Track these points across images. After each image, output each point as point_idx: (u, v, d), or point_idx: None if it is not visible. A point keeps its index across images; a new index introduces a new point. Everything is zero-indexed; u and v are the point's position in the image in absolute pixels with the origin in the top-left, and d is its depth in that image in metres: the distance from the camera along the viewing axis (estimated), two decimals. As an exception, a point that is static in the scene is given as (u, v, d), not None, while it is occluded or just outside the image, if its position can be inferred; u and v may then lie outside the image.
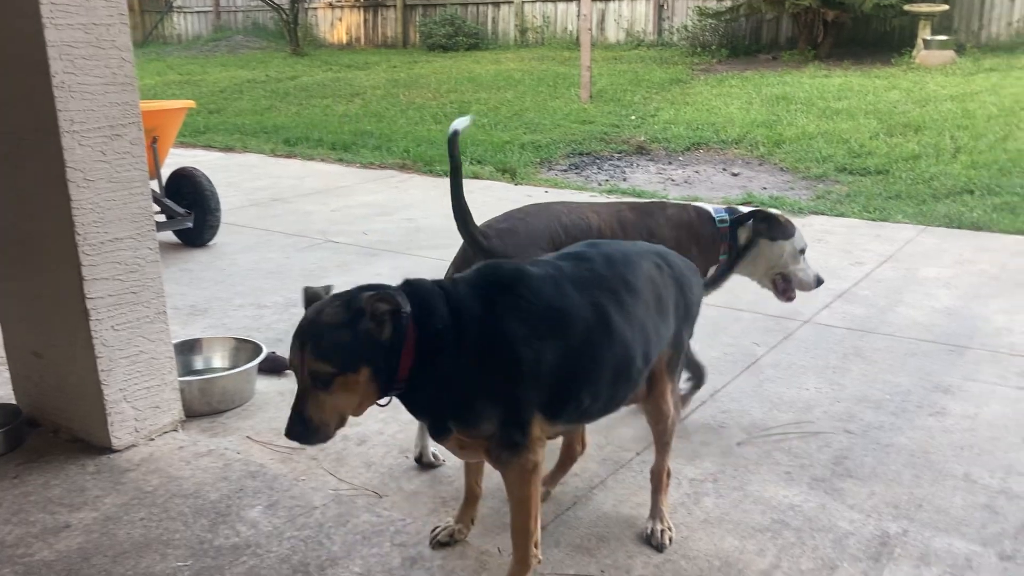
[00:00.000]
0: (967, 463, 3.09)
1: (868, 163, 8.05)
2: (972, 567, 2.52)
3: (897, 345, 4.17)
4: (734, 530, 2.71)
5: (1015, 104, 9.58)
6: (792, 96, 10.89)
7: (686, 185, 8.06)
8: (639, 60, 15.18)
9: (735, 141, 9.40)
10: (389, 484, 2.98)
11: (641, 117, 10.80)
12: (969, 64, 12.29)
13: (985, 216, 6.33)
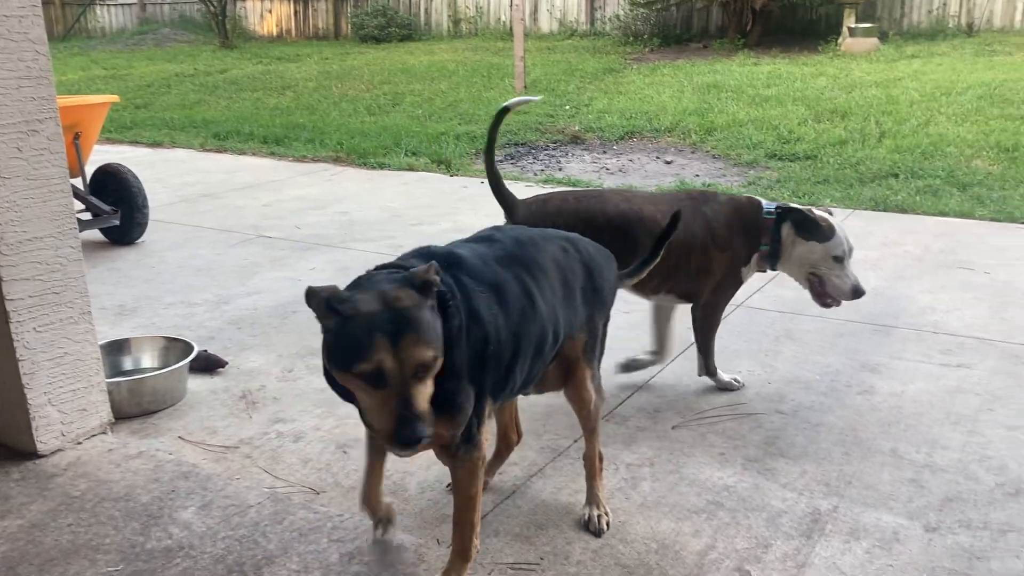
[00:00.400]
0: (894, 439, 3.18)
1: (797, 149, 8.21)
2: (899, 540, 2.59)
3: (826, 327, 4.26)
4: (670, 513, 2.74)
5: (936, 89, 9.86)
6: (723, 84, 11.05)
7: (620, 174, 8.13)
8: (572, 50, 15.24)
9: (668, 129, 9.51)
10: (326, 480, 2.95)
11: (575, 107, 10.85)
12: (892, 51, 12.62)
13: (909, 199, 6.51)
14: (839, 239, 3.34)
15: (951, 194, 6.63)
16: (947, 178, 7.00)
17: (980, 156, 7.54)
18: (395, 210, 6.75)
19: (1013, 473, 2.93)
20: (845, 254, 3.35)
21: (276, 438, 3.24)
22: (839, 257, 3.34)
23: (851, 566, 2.46)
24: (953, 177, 7.02)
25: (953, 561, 2.49)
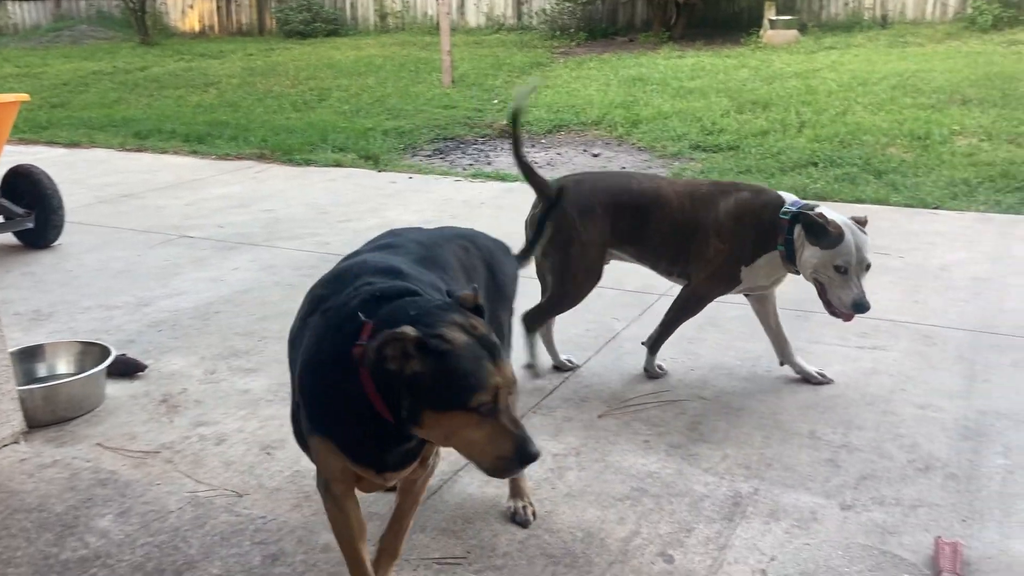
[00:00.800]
0: (812, 421, 3.26)
1: (720, 140, 8.35)
2: (816, 519, 2.67)
3: (749, 313, 4.31)
4: (596, 501, 2.77)
5: (853, 80, 10.12)
6: (648, 77, 11.18)
7: (549, 167, 8.16)
8: (500, 44, 15.25)
9: (595, 122, 9.58)
10: (249, 482, 2.90)
11: (504, 101, 10.85)
12: (811, 42, 12.92)
13: (828, 187, 6.68)
14: (844, 248, 3.13)
15: (867, 181, 6.81)
16: (863, 166, 7.19)
17: (894, 144, 7.77)
18: (321, 207, 6.67)
19: (924, 450, 3.04)
20: (849, 265, 3.14)
21: (198, 441, 3.18)
22: (840, 267, 3.15)
23: (770, 546, 2.52)
24: (869, 165, 7.22)
25: (867, 537, 2.56)
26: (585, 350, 3.95)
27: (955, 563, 2.37)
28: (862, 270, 3.18)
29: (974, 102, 8.84)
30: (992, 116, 8.30)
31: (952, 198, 6.35)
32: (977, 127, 8.01)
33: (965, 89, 9.34)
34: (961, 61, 10.83)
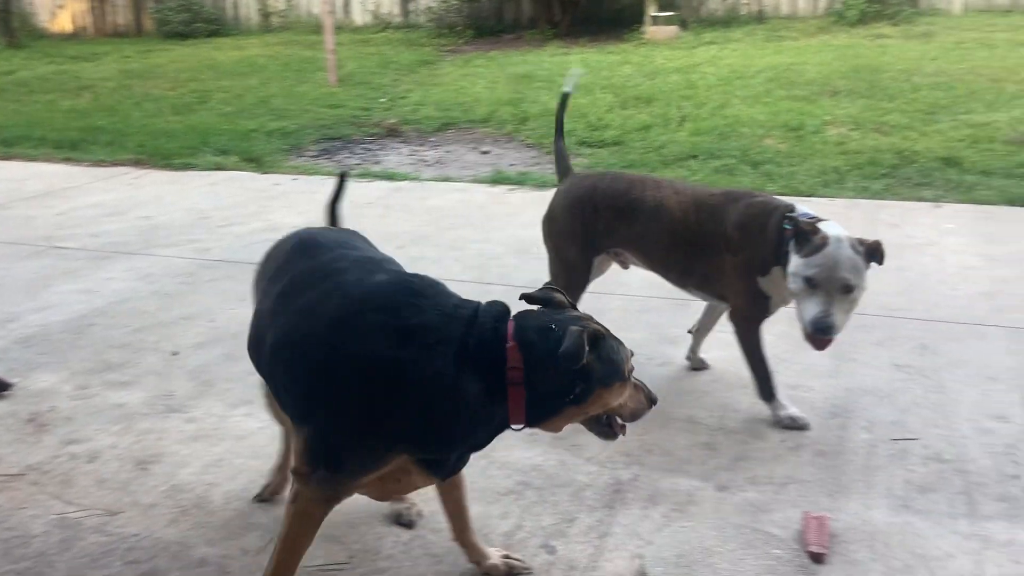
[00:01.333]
0: (690, 406, 3.35)
1: (605, 135, 8.48)
2: (694, 501, 2.75)
3: (632, 304, 4.44)
4: (480, 497, 2.78)
5: (731, 74, 10.43)
6: (535, 74, 11.27)
7: (439, 165, 8.14)
8: (387, 42, 15.12)
9: (483, 120, 9.60)
10: (123, 500, 2.81)
11: (391, 99, 10.77)
12: (691, 38, 13.26)
13: (707, 178, 6.87)
14: (819, 259, 2.81)
15: (745, 172, 7.04)
16: (741, 157, 7.42)
17: (770, 135, 8.04)
18: (202, 212, 6.49)
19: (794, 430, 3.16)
20: (819, 279, 2.81)
21: (68, 460, 3.05)
22: (810, 280, 2.83)
23: (649, 531, 2.59)
24: (747, 156, 7.45)
25: (741, 516, 2.65)
26: (471, 347, 3.95)
27: (821, 536, 2.48)
28: (835, 290, 2.81)
29: (843, 93, 9.23)
30: (860, 106, 8.68)
31: (824, 186, 6.61)
32: (846, 117, 8.36)
33: (835, 81, 9.74)
34: (831, 54, 11.29)
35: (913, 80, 9.47)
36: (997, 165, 6.75)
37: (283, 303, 2.20)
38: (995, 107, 8.31)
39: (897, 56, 10.84)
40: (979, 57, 10.50)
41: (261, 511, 2.72)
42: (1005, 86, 8.99)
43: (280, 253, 2.43)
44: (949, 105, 8.50)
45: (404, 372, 1.94)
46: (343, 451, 2.02)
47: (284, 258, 2.37)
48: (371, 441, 2.00)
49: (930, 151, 7.13)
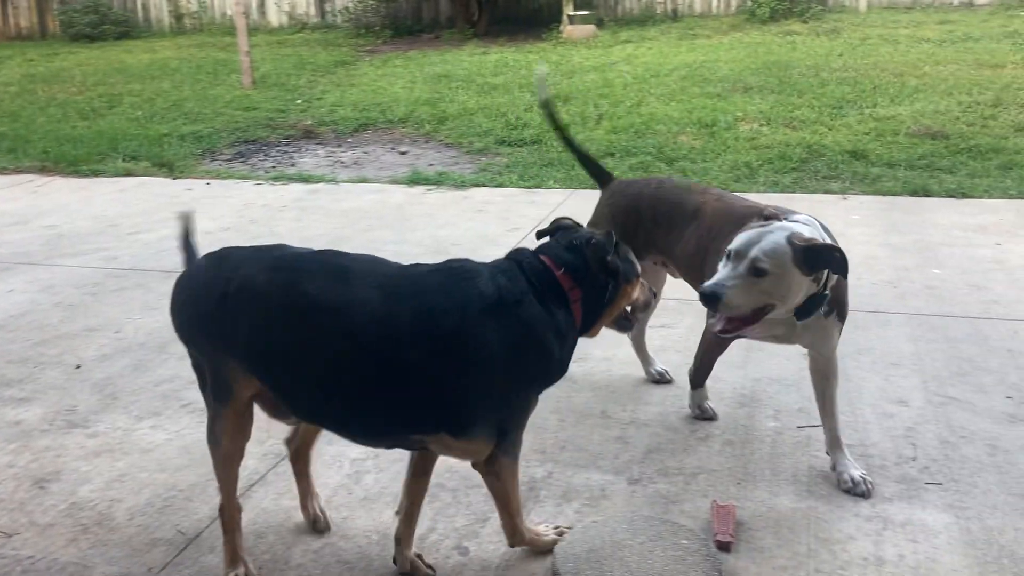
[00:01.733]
0: (604, 401, 3.38)
1: (524, 134, 8.51)
2: (606, 495, 2.77)
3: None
4: (393, 502, 2.74)
5: (646, 72, 10.57)
6: (453, 74, 11.25)
7: (356, 166, 8.06)
8: (303, 43, 14.92)
9: (401, 120, 9.54)
10: (20, 521, 2.70)
11: (307, 101, 10.63)
12: (608, 37, 13.40)
13: (623, 176, 6.92)
14: (740, 235, 2.62)
15: (660, 169, 7.13)
16: (657, 154, 7.53)
17: (685, 132, 8.17)
18: (110, 219, 6.30)
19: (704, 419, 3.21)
20: (731, 250, 2.60)
21: (-39, 482, 2.93)
22: (728, 251, 2.62)
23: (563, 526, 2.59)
24: (662, 153, 7.56)
25: (652, 508, 2.69)
26: (387, 350, 3.92)
27: (728, 524, 2.52)
28: (744, 267, 2.54)
29: (755, 89, 9.44)
30: (770, 102, 8.89)
31: (736, 180, 6.75)
32: (758, 113, 8.55)
33: (747, 78, 9.95)
34: (743, 51, 11.53)
35: (821, 76, 9.73)
36: (900, 157, 6.99)
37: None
38: (898, 100, 8.59)
39: (806, 52, 11.13)
40: (883, 53, 10.85)
41: (167, 526, 2.65)
42: (907, 80, 9.31)
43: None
44: (855, 99, 8.76)
45: (529, 327, 2.21)
46: (520, 415, 2.32)
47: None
48: (533, 396, 2.34)
49: (837, 144, 7.34)
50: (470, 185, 7.03)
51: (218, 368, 2.28)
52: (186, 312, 2.34)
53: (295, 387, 2.23)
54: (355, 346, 2.13)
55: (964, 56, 10.35)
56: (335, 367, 2.16)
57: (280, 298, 2.18)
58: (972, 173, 6.58)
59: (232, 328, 2.21)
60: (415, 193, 6.87)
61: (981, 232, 5.34)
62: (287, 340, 2.17)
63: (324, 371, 2.17)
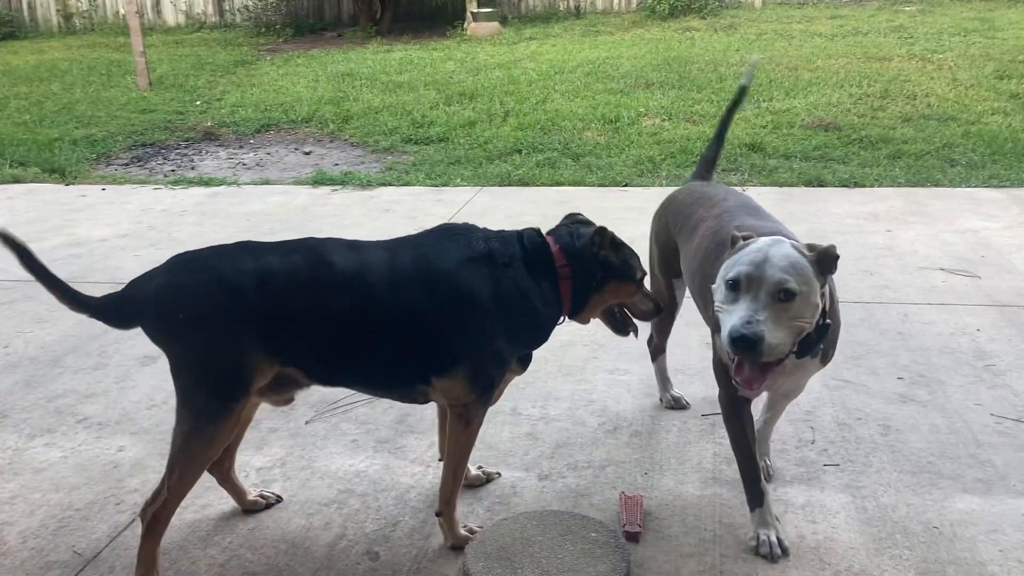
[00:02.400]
0: (514, 399, 3.39)
1: (431, 132, 8.48)
2: (516, 492, 2.78)
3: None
4: (301, 510, 2.71)
5: (551, 69, 10.65)
6: (357, 72, 11.12)
7: (258, 168, 7.90)
8: (202, 43, 14.53)
9: (305, 120, 9.39)
10: (-99, 550, 2.55)
11: (207, 102, 10.36)
12: (512, 34, 13.45)
13: (530, 172, 6.99)
14: (744, 259, 2.22)
15: (566, 164, 7.21)
16: (563, 150, 7.60)
17: (589, 128, 8.27)
18: (-3, 229, 6.00)
19: (612, 412, 3.26)
20: (742, 280, 2.19)
21: None
22: (733, 282, 2.22)
23: (473, 525, 2.59)
24: (568, 149, 7.63)
25: (562, 502, 2.71)
26: (293, 355, 3.85)
27: (636, 515, 2.56)
28: (766, 294, 2.15)
29: (656, 85, 9.61)
30: (671, 97, 9.06)
31: (639, 175, 6.87)
32: (659, 108, 8.71)
33: (648, 73, 10.12)
34: (644, 48, 11.72)
35: (719, 71, 9.97)
36: (796, 148, 7.22)
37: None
38: (793, 94, 8.87)
39: (704, 48, 11.38)
40: (778, 47, 11.17)
41: (62, 547, 2.55)
42: (801, 74, 9.61)
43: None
44: (752, 93, 8.98)
45: (515, 283, 2.43)
46: (497, 365, 2.45)
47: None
48: (509, 351, 2.47)
49: (736, 138, 7.52)
50: (376, 184, 6.96)
51: (236, 362, 2.26)
52: (209, 314, 2.25)
53: (320, 355, 2.36)
54: (371, 298, 2.33)
55: (854, 50, 10.75)
56: (356, 323, 2.33)
57: (306, 275, 2.32)
58: (863, 163, 6.84)
59: (260, 315, 2.27)
60: (320, 194, 6.77)
61: (872, 220, 5.55)
62: (314, 311, 2.30)
63: (346, 330, 2.34)
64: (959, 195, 6.07)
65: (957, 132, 7.43)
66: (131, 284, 2.34)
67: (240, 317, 2.25)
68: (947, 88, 8.76)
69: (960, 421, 3.09)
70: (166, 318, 2.27)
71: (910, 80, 9.14)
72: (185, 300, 2.25)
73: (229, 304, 2.25)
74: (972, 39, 11.13)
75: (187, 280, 2.28)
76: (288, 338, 2.29)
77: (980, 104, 8.18)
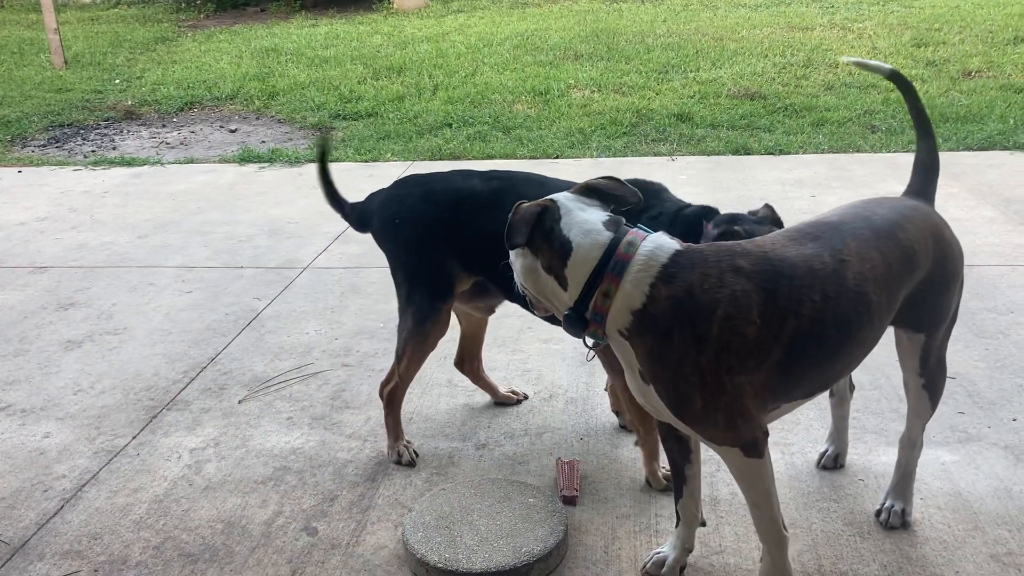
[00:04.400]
0: (450, 371, 3.36)
1: (359, 107, 8.37)
2: (454, 462, 2.79)
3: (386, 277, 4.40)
4: (236, 489, 2.68)
5: (479, 42, 10.59)
6: (282, 47, 10.91)
7: (182, 147, 7.71)
8: (119, 20, 14.09)
9: (230, 97, 9.19)
10: None
11: (127, 80, 10.06)
12: (440, 7, 13.33)
13: (460, 146, 6.95)
14: None
15: (497, 138, 7.19)
16: (493, 123, 7.57)
17: (520, 101, 8.25)
18: (-94, 216, 5.77)
19: (547, 380, 3.29)
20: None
21: None
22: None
23: (411, 497, 2.60)
24: (498, 122, 7.61)
25: (499, 471, 2.73)
26: (224, 335, 3.79)
27: (573, 479, 2.60)
28: None
29: (585, 57, 9.63)
30: (600, 69, 9.09)
31: (570, 147, 6.89)
32: (589, 80, 8.73)
33: (577, 45, 10.14)
34: (573, 20, 11.73)
35: (647, 42, 10.03)
36: (723, 118, 7.32)
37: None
38: (719, 64, 8.98)
39: (632, 20, 11.44)
40: (704, 18, 11.29)
41: None
42: (727, 44, 9.74)
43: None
44: (679, 64, 9.09)
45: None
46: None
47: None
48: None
49: (664, 108, 7.60)
50: (305, 161, 6.85)
51: (439, 267, 2.62)
52: (418, 223, 2.63)
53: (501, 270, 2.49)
54: None
55: (777, 20, 10.92)
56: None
57: (493, 199, 2.56)
58: (788, 131, 6.97)
59: (461, 231, 2.57)
60: (247, 172, 6.64)
61: (798, 186, 5.67)
62: (495, 231, 2.38)
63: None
64: (880, 160, 6.23)
65: (877, 99, 7.62)
66: (369, 196, 2.85)
67: (438, 229, 2.59)
68: (867, 56, 8.96)
69: (883, 377, 3.19)
70: (386, 224, 2.69)
71: (831, 49, 9.33)
72: (400, 210, 2.67)
73: (432, 216, 2.60)
74: (890, 8, 11.41)
75: (404, 193, 2.70)
76: (474, 253, 2.57)
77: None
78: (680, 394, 1.88)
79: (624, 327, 1.90)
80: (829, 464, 2.70)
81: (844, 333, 1.94)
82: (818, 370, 1.97)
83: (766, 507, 2.03)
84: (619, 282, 1.88)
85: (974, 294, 3.80)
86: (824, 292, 1.91)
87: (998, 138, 6.44)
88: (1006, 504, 2.46)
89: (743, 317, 1.84)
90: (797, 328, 1.88)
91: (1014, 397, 3.02)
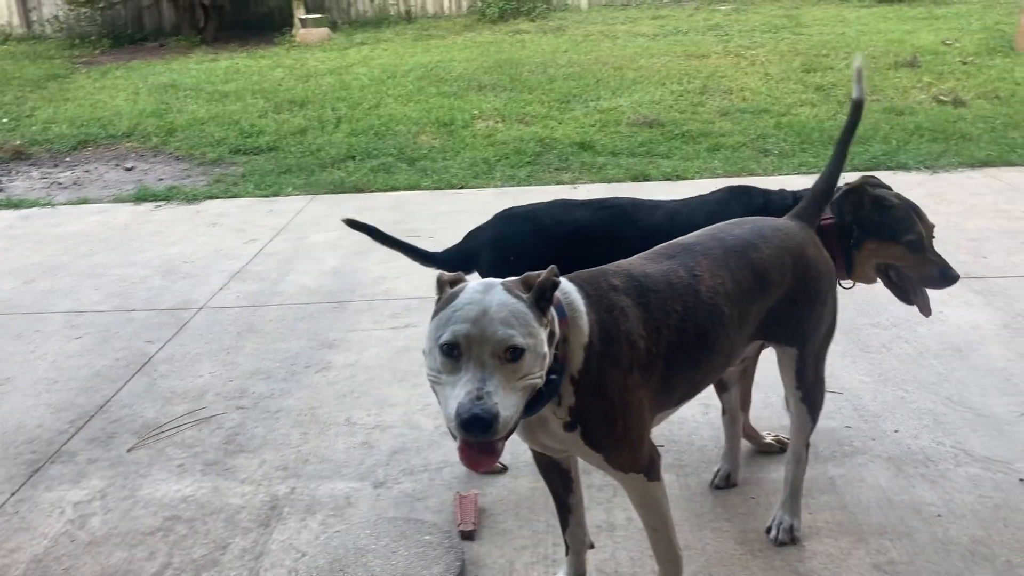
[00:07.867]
0: (348, 408, 3.34)
1: (260, 141, 8.24)
2: (351, 503, 2.74)
3: (288, 312, 4.35)
4: (123, 542, 2.58)
5: (383, 73, 10.59)
6: (180, 83, 10.70)
7: (76, 187, 7.46)
8: (7, 56, 13.61)
9: (126, 134, 8.95)
10: None
11: (15, 119, 9.71)
12: (343, 39, 13.29)
13: (364, 178, 6.91)
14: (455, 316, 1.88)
15: (401, 169, 7.17)
16: (398, 155, 7.55)
17: (424, 132, 8.26)
18: None
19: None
20: (456, 343, 1.83)
21: None
22: (449, 345, 1.81)
23: (307, 541, 2.54)
24: (403, 154, 7.59)
25: (397, 509, 2.69)
26: (114, 382, 3.66)
27: (471, 513, 2.58)
28: (488, 355, 1.74)
29: (489, 87, 9.71)
30: (504, 99, 9.18)
31: (475, 177, 6.91)
32: (493, 110, 8.80)
33: (481, 76, 10.22)
34: (476, 51, 11.84)
35: (549, 72, 10.18)
36: (623, 145, 7.45)
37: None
38: (619, 93, 9.17)
39: (534, 50, 11.61)
40: (604, 48, 11.53)
41: None
42: (626, 73, 9.95)
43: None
44: (581, 93, 9.24)
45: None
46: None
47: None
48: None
49: (567, 137, 7.70)
50: (203, 198, 6.71)
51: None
52: (534, 259, 2.39)
53: None
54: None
55: (675, 48, 11.22)
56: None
57: (610, 228, 2.80)
58: (685, 156, 7.14)
59: (575, 265, 2.41)
60: (142, 211, 6.46)
61: (694, 210, 5.80)
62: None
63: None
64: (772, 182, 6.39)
65: (770, 123, 7.87)
66: (467, 236, 2.95)
67: (555, 264, 2.44)
68: (760, 82, 9.28)
69: (774, 395, 3.27)
70: (499, 263, 2.75)
71: (726, 76, 9.63)
72: (513, 247, 2.78)
73: (547, 253, 2.57)
74: (782, 35, 11.85)
75: (514, 231, 2.86)
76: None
77: (789, 96, 8.70)
78: (608, 421, 1.92)
79: (576, 369, 1.88)
80: (721, 484, 2.75)
81: (703, 342, 2.04)
82: (686, 378, 2.06)
83: (663, 530, 2.09)
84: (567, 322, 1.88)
85: (860, 311, 3.94)
86: (684, 303, 2.00)
87: (882, 158, 6.72)
88: (888, 514, 2.55)
89: (636, 332, 1.90)
90: (669, 338, 1.97)
91: (896, 409, 3.14)
